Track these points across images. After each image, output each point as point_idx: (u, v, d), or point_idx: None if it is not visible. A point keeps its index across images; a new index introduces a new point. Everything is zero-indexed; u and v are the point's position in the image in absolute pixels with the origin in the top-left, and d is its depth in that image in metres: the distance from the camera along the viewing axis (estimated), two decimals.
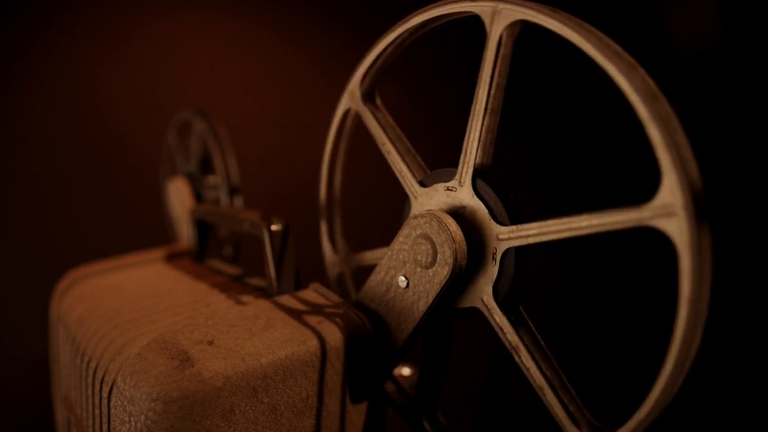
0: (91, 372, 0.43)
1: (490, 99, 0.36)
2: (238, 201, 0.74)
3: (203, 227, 0.66)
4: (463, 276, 0.38)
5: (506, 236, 0.36)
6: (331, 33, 1.30)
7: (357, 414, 0.43)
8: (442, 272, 0.37)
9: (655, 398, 0.30)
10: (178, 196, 0.78)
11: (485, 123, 0.37)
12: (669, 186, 0.28)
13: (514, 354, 0.36)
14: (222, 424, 0.35)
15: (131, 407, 0.35)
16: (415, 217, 0.39)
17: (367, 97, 0.46)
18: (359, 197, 0.55)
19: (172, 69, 1.19)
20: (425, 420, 0.44)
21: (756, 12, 0.99)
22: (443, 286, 0.38)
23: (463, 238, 0.37)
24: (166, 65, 1.18)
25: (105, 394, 0.40)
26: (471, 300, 0.38)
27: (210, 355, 0.37)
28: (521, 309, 0.37)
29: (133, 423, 0.35)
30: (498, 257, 0.36)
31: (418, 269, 0.39)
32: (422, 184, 0.41)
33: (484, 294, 0.37)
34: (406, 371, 0.56)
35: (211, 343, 0.38)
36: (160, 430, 0.34)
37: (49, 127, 1.08)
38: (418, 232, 0.39)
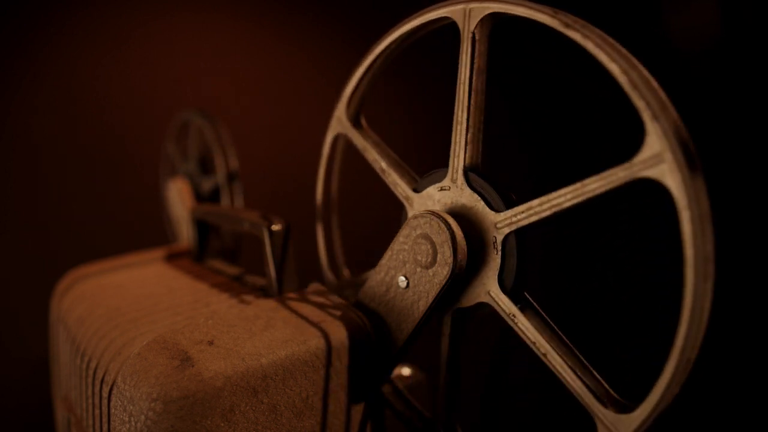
0: (91, 372, 0.43)
1: (472, 95, 0.38)
2: (239, 197, 0.74)
3: (203, 227, 0.66)
4: (464, 275, 0.38)
5: (504, 222, 0.36)
6: (331, 33, 1.31)
7: (357, 414, 0.43)
8: (442, 272, 0.37)
9: (674, 361, 0.29)
10: (178, 196, 0.78)
11: (470, 119, 0.38)
12: (654, 135, 0.28)
13: (528, 342, 0.36)
14: (222, 424, 0.35)
15: (131, 407, 0.35)
16: (415, 217, 0.39)
17: (354, 120, 0.47)
18: (358, 214, 0.55)
19: (172, 69, 1.19)
20: None
21: (756, 12, 0.99)
22: (443, 286, 0.38)
23: (464, 238, 0.37)
24: (166, 65, 1.18)
25: (105, 394, 0.40)
26: (477, 296, 0.38)
27: (210, 355, 0.37)
28: (526, 295, 0.37)
29: (133, 423, 0.35)
30: (499, 246, 0.36)
31: (418, 269, 0.39)
32: (416, 190, 0.42)
33: (490, 288, 0.37)
34: (405, 371, 0.56)
35: (211, 343, 0.38)
36: (160, 430, 0.34)
37: (49, 127, 1.08)
38: (418, 232, 0.39)
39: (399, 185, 0.43)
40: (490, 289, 0.37)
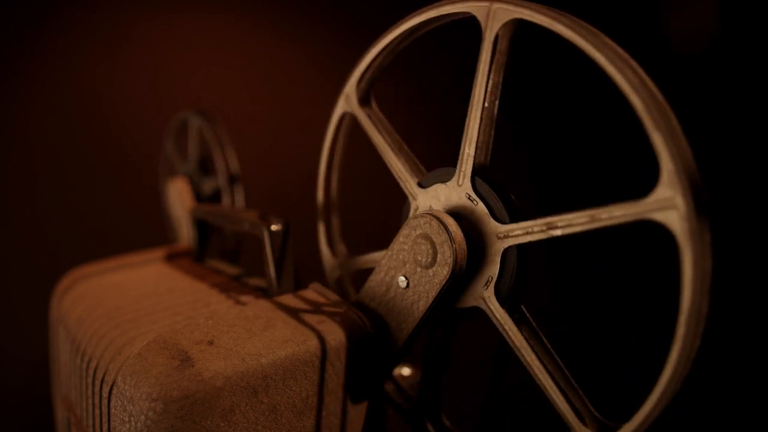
0: (91, 372, 0.43)
1: (487, 98, 0.37)
2: (239, 196, 0.74)
3: (203, 227, 0.66)
4: (463, 276, 0.38)
5: (506, 234, 0.36)
6: (332, 32, 1.30)
7: (357, 414, 0.43)
8: (442, 272, 0.37)
9: (660, 391, 0.30)
10: (178, 196, 0.78)
11: (483, 122, 0.37)
12: (667, 178, 0.28)
13: (517, 352, 0.36)
14: (222, 424, 0.35)
15: (131, 407, 0.35)
16: (415, 217, 0.39)
17: (364, 100, 0.46)
18: (358, 200, 0.55)
19: (172, 69, 1.19)
20: (428, 422, 0.44)
21: (756, 12, 0.99)
22: (443, 286, 0.38)
23: (464, 238, 0.37)
24: (165, 65, 1.18)
25: (105, 394, 0.40)
26: (472, 299, 0.38)
27: (210, 355, 0.37)
28: (523, 308, 0.37)
29: (133, 423, 0.35)
30: (499, 256, 0.36)
31: (418, 269, 0.39)
32: (421, 185, 0.41)
33: (485, 293, 0.37)
34: (406, 371, 0.56)
35: (211, 343, 0.38)
36: (160, 430, 0.34)
37: (49, 127, 1.08)
38: (418, 232, 0.39)
39: (404, 177, 0.42)
40: (485, 297, 0.37)
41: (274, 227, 0.48)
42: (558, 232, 0.33)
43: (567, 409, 0.34)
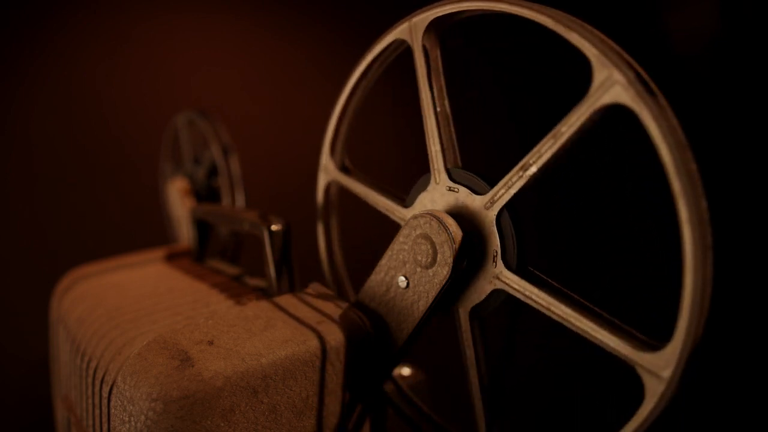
0: (91, 372, 0.43)
1: (437, 102, 0.39)
2: (238, 183, 0.74)
3: (203, 227, 0.66)
4: (466, 273, 0.38)
5: (491, 201, 0.36)
6: (331, 31, 1.31)
7: (357, 414, 0.43)
8: (442, 272, 0.37)
9: (693, 266, 0.28)
10: (178, 196, 0.78)
11: (440, 124, 0.39)
12: (597, 62, 0.29)
13: (547, 312, 0.35)
14: (222, 424, 0.36)
15: (131, 407, 0.35)
16: (415, 217, 0.39)
17: (341, 166, 0.49)
18: (358, 214, 0.56)
19: (172, 69, 1.19)
20: None
21: (756, 12, 0.99)
22: (443, 285, 0.38)
23: (462, 236, 0.37)
24: (165, 65, 1.18)
25: (105, 394, 0.40)
26: (487, 284, 0.38)
27: (210, 355, 0.37)
28: (531, 269, 0.37)
29: (133, 423, 0.35)
30: (494, 225, 0.36)
31: (418, 269, 0.39)
32: (406, 206, 0.43)
33: (495, 270, 0.37)
34: (405, 371, 0.56)
35: (211, 343, 0.38)
36: (160, 430, 0.34)
37: (49, 127, 1.08)
38: (418, 232, 0.39)
39: (391, 210, 0.44)
40: (497, 274, 0.37)
41: (274, 227, 0.48)
42: (533, 169, 0.33)
43: (618, 344, 0.32)
